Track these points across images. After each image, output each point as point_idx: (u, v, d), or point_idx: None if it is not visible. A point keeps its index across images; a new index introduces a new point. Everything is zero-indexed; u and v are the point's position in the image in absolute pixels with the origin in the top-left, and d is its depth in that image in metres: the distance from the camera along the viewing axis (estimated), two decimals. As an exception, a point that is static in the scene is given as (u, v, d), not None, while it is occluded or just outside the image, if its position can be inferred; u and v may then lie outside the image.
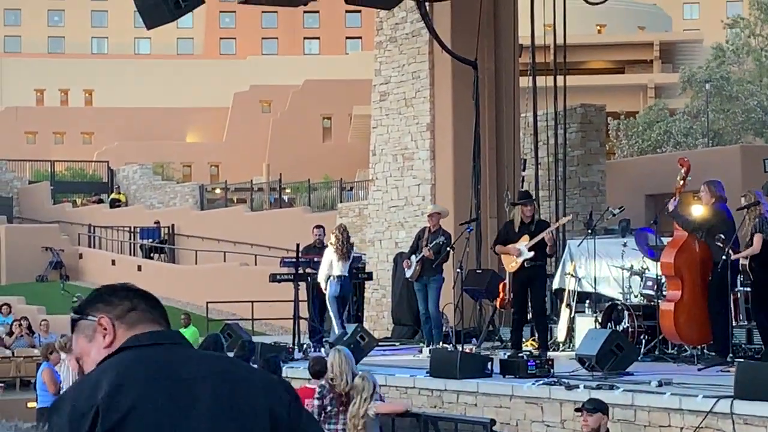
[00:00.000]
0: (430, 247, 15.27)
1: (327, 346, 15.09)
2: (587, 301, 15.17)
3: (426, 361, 13.47)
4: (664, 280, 13.55)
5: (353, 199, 35.12)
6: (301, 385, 11.62)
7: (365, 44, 71.76)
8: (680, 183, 12.73)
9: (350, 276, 16.45)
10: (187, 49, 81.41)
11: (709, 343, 12.66)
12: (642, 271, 14.50)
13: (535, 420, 11.18)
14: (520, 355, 13.22)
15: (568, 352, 14.30)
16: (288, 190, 44.01)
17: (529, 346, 14.76)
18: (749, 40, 54.01)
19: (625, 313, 13.92)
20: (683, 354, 13.17)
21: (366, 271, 19.43)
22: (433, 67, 19.84)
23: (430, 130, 19.87)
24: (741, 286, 12.99)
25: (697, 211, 12.80)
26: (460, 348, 13.54)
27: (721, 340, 12.17)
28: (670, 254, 12.75)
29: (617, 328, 13.66)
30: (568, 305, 15.22)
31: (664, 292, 13.43)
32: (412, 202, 20.19)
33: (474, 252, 17.76)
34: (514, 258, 14.29)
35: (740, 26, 54.91)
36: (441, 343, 15.17)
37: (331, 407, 10.78)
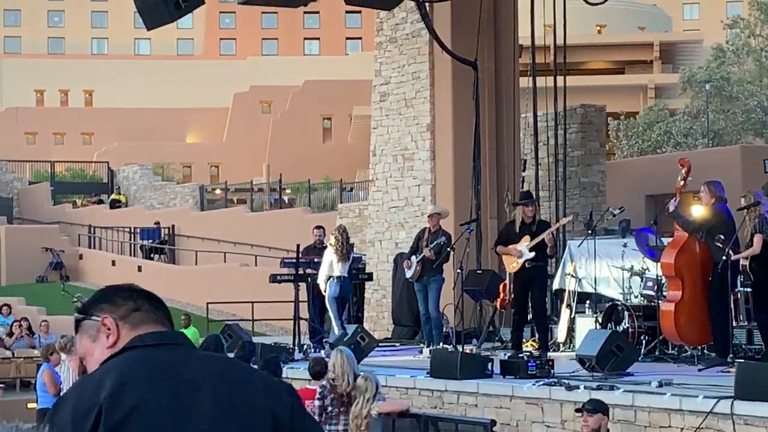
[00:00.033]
0: (431, 248, 15.26)
1: (327, 347, 15.10)
2: (587, 302, 15.18)
3: (426, 362, 13.46)
4: (664, 281, 13.55)
5: (353, 200, 35.12)
6: (302, 386, 11.61)
7: (365, 45, 71.77)
8: (681, 183, 12.73)
9: (350, 277, 16.44)
10: (187, 50, 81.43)
11: (710, 343, 12.66)
12: (642, 271, 14.50)
13: (536, 421, 11.17)
14: (521, 355, 13.23)
15: (569, 352, 14.31)
16: (288, 191, 43.98)
17: (529, 347, 14.76)
18: (749, 40, 54.02)
19: (626, 314, 13.92)
20: (683, 354, 13.17)
21: (366, 272, 19.42)
22: (433, 68, 19.84)
23: (430, 131, 19.87)
24: (741, 287, 12.99)
25: (697, 211, 12.80)
26: (460, 348, 13.54)
27: (721, 341, 12.17)
28: (670, 255, 12.75)
29: (617, 328, 13.66)
30: (569, 306, 15.22)
31: (665, 293, 13.43)
32: (412, 203, 20.19)
33: (474, 252, 17.76)
34: (515, 259, 14.29)
35: (740, 26, 54.92)
36: (441, 344, 15.16)
37: (331, 408, 10.78)
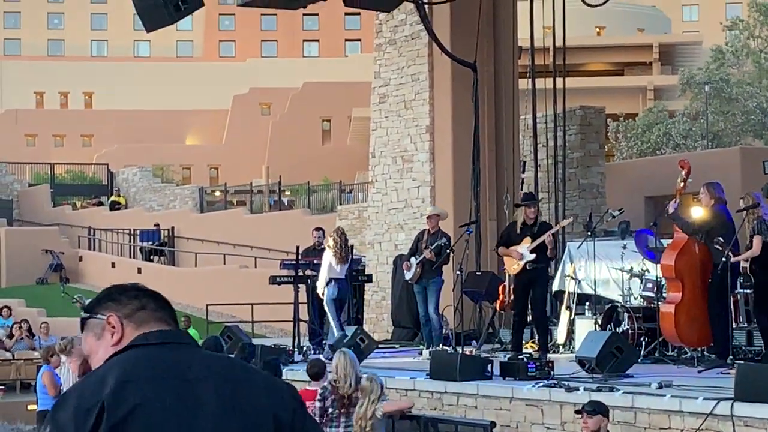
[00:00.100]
0: (431, 249, 15.24)
1: (327, 349, 15.11)
2: (587, 303, 15.18)
3: (426, 364, 13.45)
4: (663, 282, 13.54)
5: (353, 202, 35.12)
6: (302, 387, 11.62)
7: (364, 46, 71.74)
8: (681, 185, 12.73)
9: (349, 278, 16.44)
10: (186, 52, 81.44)
11: (710, 345, 12.65)
12: (642, 273, 14.49)
13: (535, 422, 11.17)
14: (520, 357, 13.23)
15: (568, 354, 14.31)
16: (287, 193, 43.97)
17: (529, 348, 14.76)
18: (748, 41, 54.03)
19: (625, 315, 13.92)
20: (683, 356, 13.16)
21: (366, 274, 19.41)
22: (432, 70, 19.85)
23: (430, 133, 19.88)
24: (741, 288, 13.00)
25: (697, 213, 12.81)
26: (459, 350, 13.54)
27: (721, 342, 12.17)
28: (670, 256, 12.75)
29: (617, 330, 13.66)
30: (568, 307, 15.22)
31: (664, 294, 13.43)
32: (411, 204, 20.19)
33: (473, 254, 17.76)
34: (516, 261, 14.28)
35: (739, 28, 54.94)
36: (441, 346, 15.16)
37: (332, 409, 10.78)
